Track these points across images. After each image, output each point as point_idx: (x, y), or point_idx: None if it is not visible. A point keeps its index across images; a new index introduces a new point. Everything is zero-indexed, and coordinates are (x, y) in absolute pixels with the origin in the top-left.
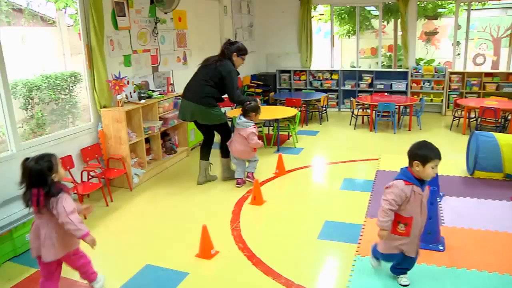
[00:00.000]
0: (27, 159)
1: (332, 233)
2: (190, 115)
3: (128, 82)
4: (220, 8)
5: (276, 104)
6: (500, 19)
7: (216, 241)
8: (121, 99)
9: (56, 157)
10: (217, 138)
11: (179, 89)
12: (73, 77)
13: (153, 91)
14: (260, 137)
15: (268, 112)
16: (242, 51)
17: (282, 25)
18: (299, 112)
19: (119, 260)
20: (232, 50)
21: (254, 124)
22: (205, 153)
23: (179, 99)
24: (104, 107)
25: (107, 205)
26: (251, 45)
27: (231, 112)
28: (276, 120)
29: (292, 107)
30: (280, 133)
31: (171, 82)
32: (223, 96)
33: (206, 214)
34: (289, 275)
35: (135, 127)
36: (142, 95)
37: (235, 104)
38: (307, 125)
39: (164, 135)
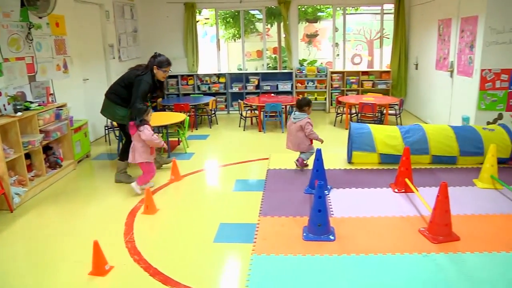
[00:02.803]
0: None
1: (228, 235)
2: (102, 109)
3: (0, 94)
4: (102, 13)
5: (164, 110)
6: (371, 23)
7: (109, 256)
8: None
9: (150, 108)
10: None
11: (61, 99)
12: None
13: (31, 102)
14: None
15: (156, 119)
16: (162, 64)
17: (167, 30)
18: (188, 117)
19: None
20: (153, 63)
21: (308, 116)
22: (122, 153)
23: (61, 109)
24: None
25: None
26: (136, 51)
27: None
28: (165, 126)
29: (180, 112)
30: (170, 139)
31: (51, 92)
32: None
33: (97, 228)
34: (188, 282)
35: (12, 142)
36: (18, 107)
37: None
38: (197, 129)
39: (47, 149)
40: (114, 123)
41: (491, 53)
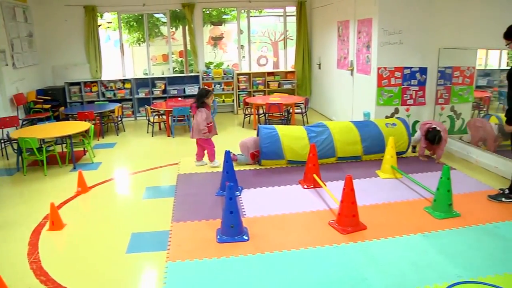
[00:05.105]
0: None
1: (140, 244)
2: None
3: None
4: None
5: (68, 119)
6: (276, 26)
7: (11, 281)
8: None
9: (212, 92)
10: None
11: None
12: None
13: None
14: None
15: (59, 129)
16: None
17: (67, 34)
18: (93, 126)
19: None
20: None
21: None
22: None
23: None
24: None
25: None
26: (32, 57)
27: (16, 132)
28: (69, 136)
29: (85, 120)
30: (75, 149)
31: None
32: None
33: None
34: None
35: None
36: None
37: None
38: (103, 137)
39: None
40: (11, 136)
41: (385, 52)
